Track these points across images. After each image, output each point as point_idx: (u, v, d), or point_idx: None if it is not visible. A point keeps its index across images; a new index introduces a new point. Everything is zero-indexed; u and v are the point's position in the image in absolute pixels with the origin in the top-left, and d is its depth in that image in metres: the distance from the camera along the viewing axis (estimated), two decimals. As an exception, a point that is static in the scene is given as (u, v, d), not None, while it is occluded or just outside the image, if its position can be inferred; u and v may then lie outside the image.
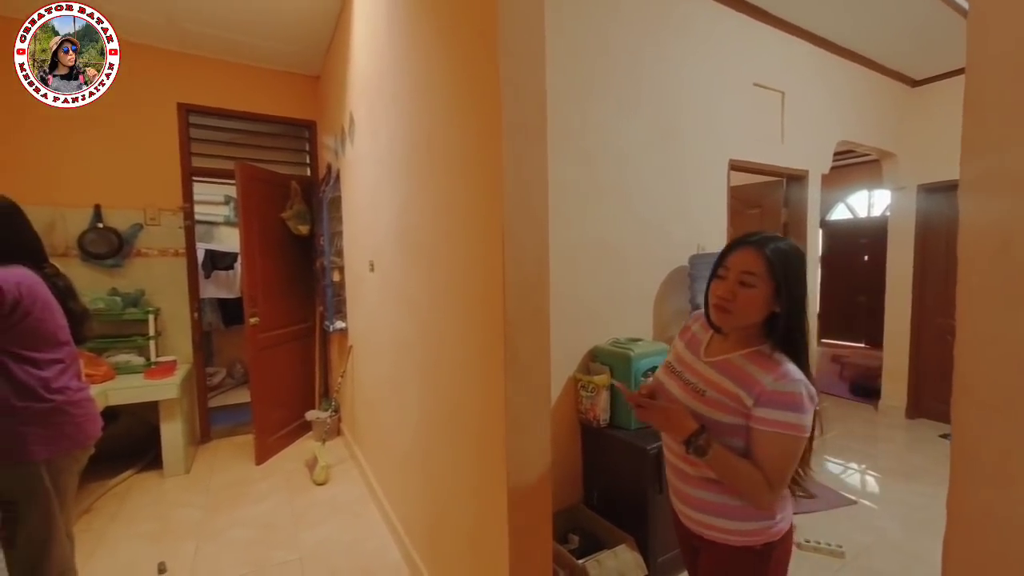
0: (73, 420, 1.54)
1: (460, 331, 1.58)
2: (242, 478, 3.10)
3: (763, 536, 1.05)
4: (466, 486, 1.62)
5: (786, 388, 0.97)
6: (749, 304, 1.03)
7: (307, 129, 3.95)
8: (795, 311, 1.02)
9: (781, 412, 0.97)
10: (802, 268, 1.05)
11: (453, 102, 1.53)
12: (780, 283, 1.00)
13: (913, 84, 3.94)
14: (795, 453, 0.97)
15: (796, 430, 0.96)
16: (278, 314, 3.50)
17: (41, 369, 1.48)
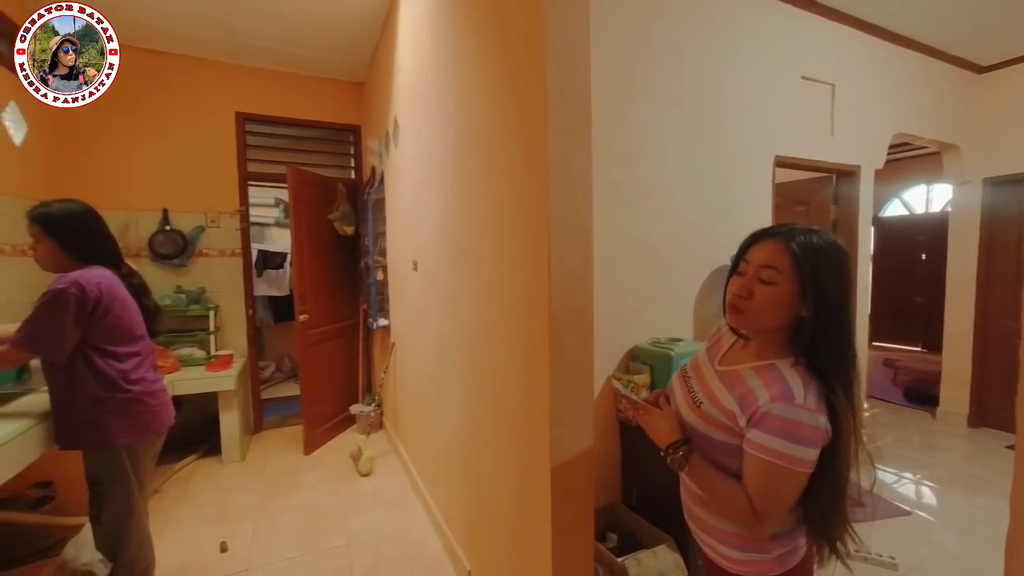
0: (150, 409, 1.67)
1: (504, 329, 1.62)
2: (292, 467, 3.27)
3: (757, 569, 0.96)
4: (509, 481, 1.66)
5: (782, 413, 0.84)
6: (766, 304, 0.89)
7: (351, 133, 4.10)
8: (827, 318, 0.86)
9: (773, 439, 0.84)
10: (839, 267, 0.88)
11: (497, 106, 1.57)
12: (807, 282, 0.86)
13: (979, 71, 3.70)
14: (787, 487, 0.85)
15: (789, 462, 0.83)
16: (325, 311, 3.66)
17: (121, 362, 1.61)
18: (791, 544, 0.95)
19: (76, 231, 1.61)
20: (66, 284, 1.48)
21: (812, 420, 0.83)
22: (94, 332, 1.55)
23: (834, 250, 0.89)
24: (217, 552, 2.30)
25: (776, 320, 0.90)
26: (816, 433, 0.84)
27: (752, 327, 0.95)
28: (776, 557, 0.95)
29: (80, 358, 1.54)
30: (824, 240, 0.90)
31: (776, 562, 0.95)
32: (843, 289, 0.88)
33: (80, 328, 1.51)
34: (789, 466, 0.83)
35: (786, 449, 0.83)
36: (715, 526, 1.01)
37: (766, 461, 0.85)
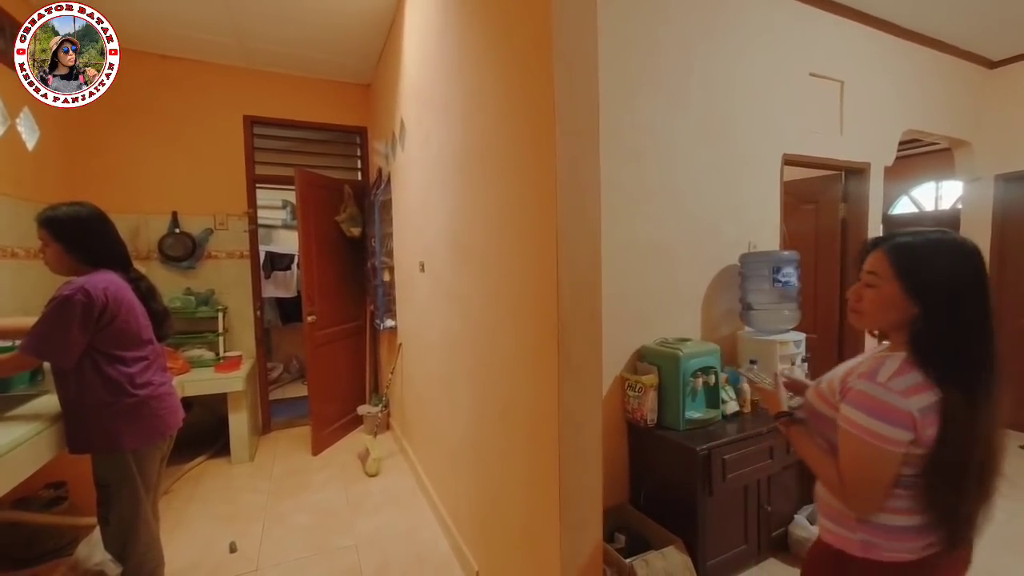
0: (156, 413, 1.67)
1: (512, 330, 1.62)
2: (301, 467, 3.29)
3: (839, 543, 1.00)
4: (518, 482, 1.66)
5: (863, 388, 0.92)
6: (872, 306, 0.97)
7: (358, 135, 4.12)
8: (936, 313, 0.88)
9: (854, 411, 0.92)
10: (942, 260, 0.90)
11: (505, 107, 1.57)
12: (906, 280, 0.91)
13: (991, 65, 3.65)
14: (868, 460, 0.90)
15: (870, 436, 0.89)
16: (333, 312, 3.68)
17: (128, 366, 1.61)
18: (881, 538, 0.95)
19: (83, 235, 1.61)
20: (72, 291, 1.48)
21: (891, 399, 0.88)
22: (101, 337, 1.55)
23: (941, 247, 0.92)
24: (227, 552, 2.32)
25: (889, 318, 0.96)
26: (897, 413, 0.87)
27: (870, 326, 1.03)
28: (859, 540, 0.97)
29: (88, 363, 1.55)
30: (929, 239, 0.93)
31: (858, 544, 0.97)
32: (955, 284, 0.89)
33: (87, 334, 1.51)
34: (870, 440, 0.89)
35: (866, 423, 0.90)
36: (822, 499, 1.07)
37: (848, 433, 0.93)
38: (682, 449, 1.99)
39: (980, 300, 0.89)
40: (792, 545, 2.25)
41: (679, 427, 2.07)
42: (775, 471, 2.14)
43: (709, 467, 1.94)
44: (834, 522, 1.02)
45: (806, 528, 2.20)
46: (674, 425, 2.09)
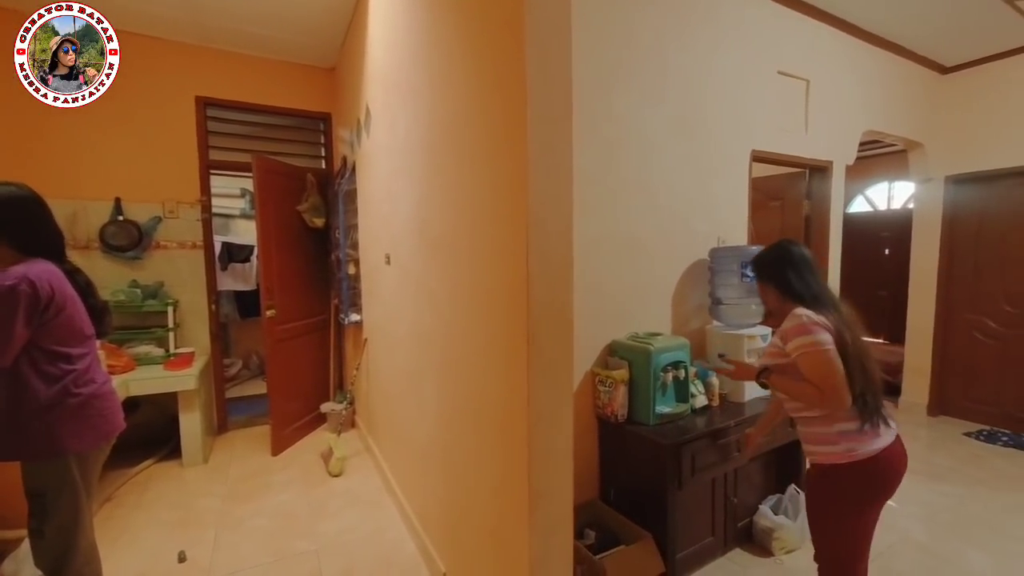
0: (100, 413, 1.55)
1: (482, 324, 1.56)
2: (259, 468, 3.13)
3: (829, 458, 1.36)
4: (487, 482, 1.61)
5: (791, 323, 1.38)
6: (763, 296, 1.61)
7: (322, 122, 3.94)
8: (781, 280, 1.49)
9: (801, 338, 1.35)
10: (769, 256, 1.56)
11: (475, 91, 1.50)
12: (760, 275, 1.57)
13: (944, 71, 3.81)
14: (825, 362, 1.30)
15: (811, 347, 1.32)
16: (294, 307, 3.52)
17: (72, 364, 1.49)
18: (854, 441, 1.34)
19: (21, 219, 1.46)
20: (16, 280, 1.34)
21: (808, 318, 1.36)
22: (44, 332, 1.42)
23: (768, 251, 1.59)
24: (175, 562, 2.17)
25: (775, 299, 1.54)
26: (815, 325, 1.34)
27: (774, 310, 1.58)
28: (843, 450, 1.34)
29: (25, 361, 1.41)
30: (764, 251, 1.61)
31: (842, 454, 1.34)
32: (776, 265, 1.52)
33: (30, 328, 1.38)
34: (815, 348, 1.32)
35: (805, 340, 1.34)
36: (806, 432, 1.44)
37: (805, 354, 1.34)
38: (651, 444, 1.98)
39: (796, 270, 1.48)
40: (756, 535, 2.29)
41: (649, 422, 2.07)
42: (741, 464, 2.17)
43: (678, 461, 1.94)
44: (821, 445, 1.38)
45: (770, 518, 2.24)
46: (644, 420, 2.08)
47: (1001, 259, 3.65)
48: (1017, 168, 3.53)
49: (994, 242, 3.69)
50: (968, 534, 2.37)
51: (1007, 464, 3.17)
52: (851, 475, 1.34)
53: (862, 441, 1.34)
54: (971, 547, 2.28)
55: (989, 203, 3.71)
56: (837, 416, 1.36)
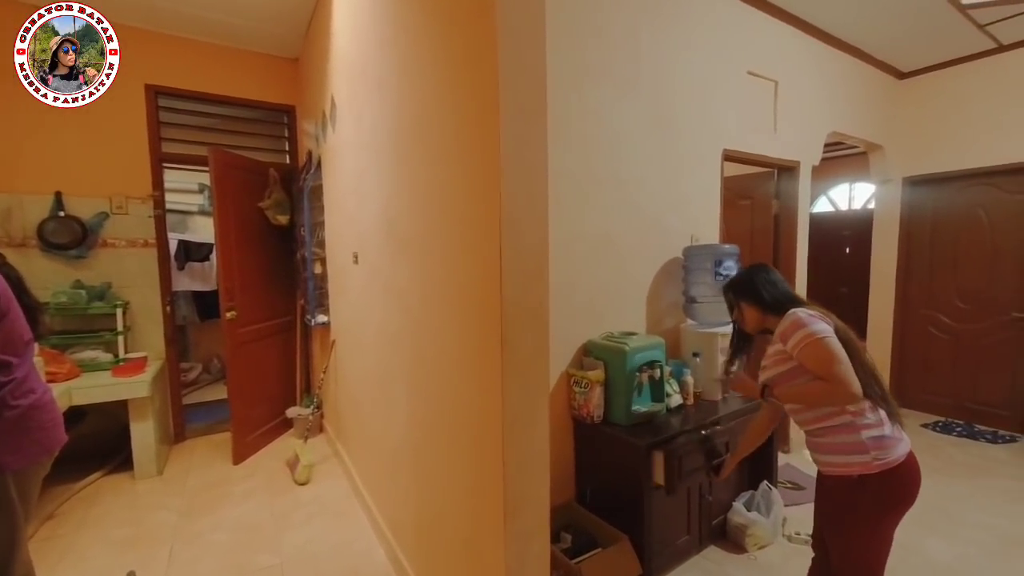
0: (41, 425, 1.43)
1: (453, 325, 1.49)
2: (220, 478, 2.97)
3: (858, 469, 1.30)
4: (460, 488, 1.55)
5: (786, 323, 1.39)
6: (749, 320, 1.57)
7: (286, 114, 3.77)
8: (757, 295, 1.51)
9: (795, 336, 1.34)
10: (741, 278, 1.60)
11: (446, 82, 1.43)
12: (741, 298, 1.57)
13: (900, 76, 3.95)
14: (827, 351, 1.28)
15: (811, 337, 1.31)
16: (257, 308, 3.36)
17: (10, 373, 1.36)
18: (883, 449, 1.30)
19: None
20: None
21: (804, 312, 1.37)
22: None
23: (739, 275, 1.64)
24: (124, 583, 2.02)
25: (758, 318, 1.55)
26: (812, 318, 1.34)
27: (753, 330, 1.59)
28: (872, 458, 1.29)
29: None
30: (734, 277, 1.67)
31: (873, 463, 1.29)
32: (750, 283, 1.55)
33: None
34: (815, 338, 1.30)
35: (806, 334, 1.32)
36: (827, 443, 1.37)
37: (806, 348, 1.32)
38: (627, 445, 1.96)
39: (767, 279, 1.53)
40: (730, 532, 2.30)
41: (625, 422, 2.04)
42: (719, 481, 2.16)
43: (653, 460, 1.92)
44: (849, 455, 1.32)
45: (744, 515, 2.26)
46: (620, 420, 2.06)
47: (954, 257, 3.82)
48: (967, 171, 3.70)
49: (948, 241, 3.86)
50: (926, 522, 2.44)
51: (960, 453, 3.31)
52: (883, 483, 1.29)
53: (889, 447, 1.30)
54: (930, 535, 2.36)
55: (942, 204, 3.88)
56: (861, 422, 1.31)
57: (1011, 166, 3.50)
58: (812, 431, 1.41)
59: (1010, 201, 3.56)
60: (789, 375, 1.38)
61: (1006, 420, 3.60)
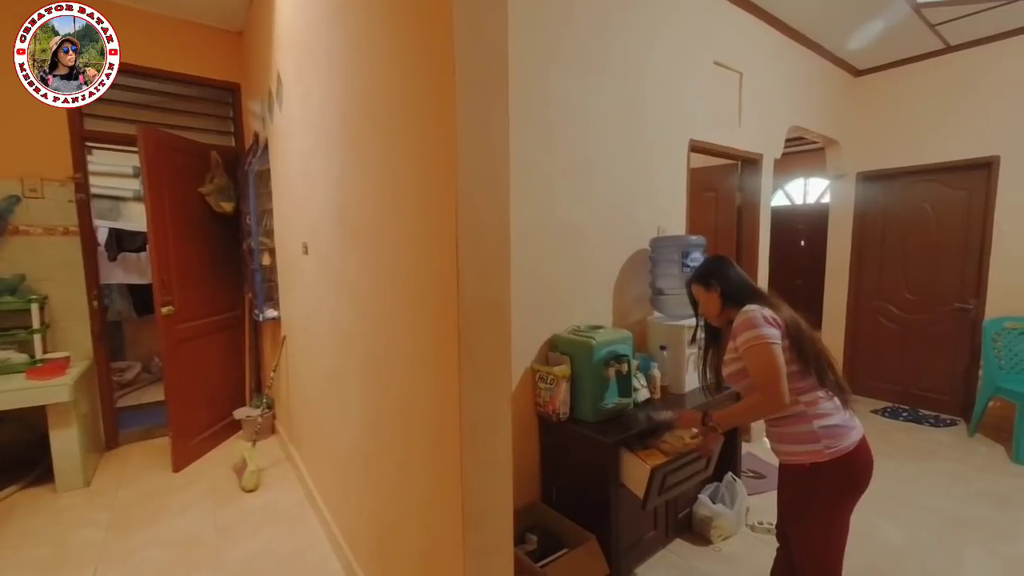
0: None
1: (407, 321, 1.37)
2: (157, 488, 2.73)
3: (810, 457, 1.32)
4: (417, 497, 1.43)
5: (739, 319, 1.37)
6: (711, 308, 1.56)
7: (230, 92, 3.48)
8: (718, 285, 1.52)
9: (744, 334, 1.34)
10: (701, 269, 1.60)
11: (397, 54, 1.30)
12: (702, 287, 1.56)
13: (856, 74, 4.05)
14: (768, 357, 1.29)
15: (756, 340, 1.31)
16: (198, 302, 3.10)
17: None
18: (835, 438, 1.31)
19: None
20: None
21: (757, 312, 1.35)
22: None
23: (699, 266, 1.64)
24: (39, 613, 1.80)
25: (718, 306, 1.54)
26: (763, 320, 1.33)
27: (719, 321, 1.57)
28: (824, 447, 1.31)
29: None
30: (698, 266, 1.66)
31: (824, 451, 1.31)
32: (718, 270, 1.55)
33: None
34: (760, 342, 1.30)
35: (752, 334, 1.32)
36: (781, 432, 1.39)
37: (750, 349, 1.32)
38: (594, 442, 1.90)
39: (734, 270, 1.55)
40: (696, 524, 2.30)
41: (592, 419, 1.98)
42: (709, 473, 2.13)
43: (622, 459, 1.87)
44: (801, 444, 1.34)
45: (709, 507, 2.26)
46: (587, 417, 1.99)
47: (903, 250, 3.98)
48: (915, 167, 3.84)
49: (897, 234, 4.01)
50: (878, 506, 2.52)
51: (907, 437, 3.46)
52: (835, 471, 1.32)
53: (840, 435, 1.32)
54: (881, 518, 2.43)
55: (892, 199, 4.02)
56: (814, 412, 1.33)
57: (954, 163, 3.65)
58: (770, 420, 1.43)
59: (953, 197, 3.73)
60: (744, 373, 1.38)
61: (947, 404, 3.80)
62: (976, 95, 3.52)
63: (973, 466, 3.01)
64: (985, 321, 3.47)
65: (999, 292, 3.49)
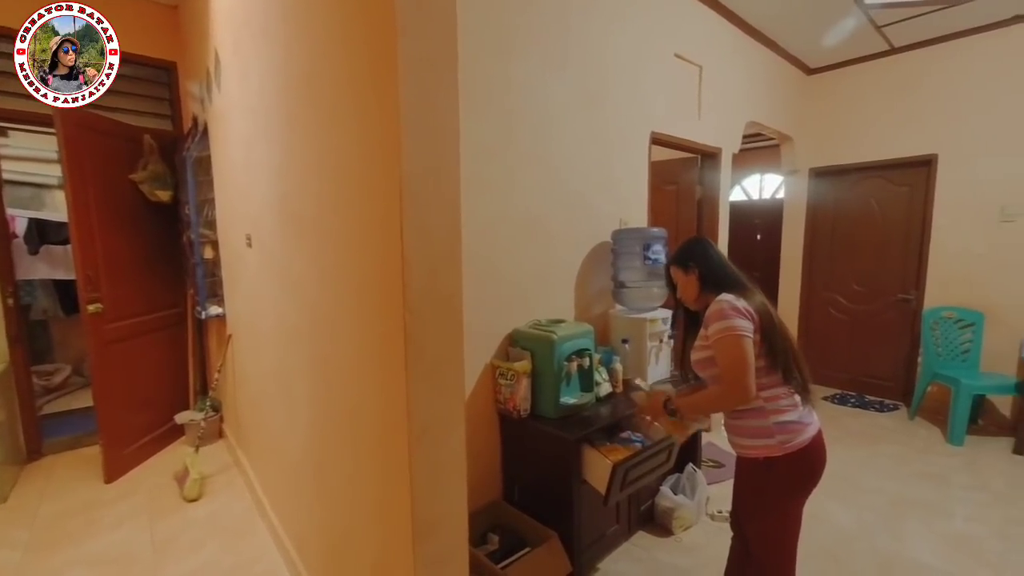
0: None
1: (353, 318, 1.27)
2: (86, 502, 2.50)
3: (764, 451, 1.32)
4: (367, 506, 1.34)
5: (713, 308, 1.34)
6: (688, 291, 1.51)
7: (165, 72, 3.22)
8: (706, 263, 1.46)
9: (715, 324, 1.31)
10: (690, 245, 1.54)
11: (337, 26, 1.19)
12: (683, 263, 1.50)
13: (809, 72, 4.17)
14: (736, 350, 1.26)
15: (727, 332, 1.27)
16: (131, 299, 2.85)
17: None
18: (789, 433, 1.31)
19: None
20: None
21: (730, 303, 1.31)
22: None
23: (680, 247, 1.56)
24: (-63, 650, 1.60)
25: (696, 290, 1.49)
26: (735, 311, 1.29)
27: (696, 305, 1.50)
28: (778, 442, 1.31)
29: None
30: (680, 248, 1.56)
31: (778, 446, 1.31)
32: (699, 253, 1.49)
33: None
34: (730, 333, 1.27)
35: (723, 325, 1.29)
36: (738, 426, 1.38)
37: (720, 339, 1.29)
38: (555, 438, 1.86)
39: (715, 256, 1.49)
40: (658, 516, 2.30)
41: (553, 415, 1.93)
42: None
43: (584, 455, 1.84)
44: (756, 439, 1.34)
45: (670, 498, 2.26)
46: (548, 413, 1.95)
47: (852, 244, 4.14)
48: (862, 164, 4.00)
49: (846, 228, 4.17)
50: (829, 490, 2.60)
51: (855, 422, 3.62)
52: (789, 465, 1.32)
53: (796, 431, 1.32)
54: (832, 501, 2.52)
55: (842, 194, 4.18)
56: (771, 407, 1.32)
57: (898, 160, 3.82)
58: (729, 413, 1.42)
59: (897, 192, 3.90)
60: (711, 362, 1.36)
61: (891, 390, 4.00)
62: (918, 95, 3.68)
63: (914, 448, 3.17)
64: (924, 311, 3.66)
65: (937, 283, 3.68)
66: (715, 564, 1.89)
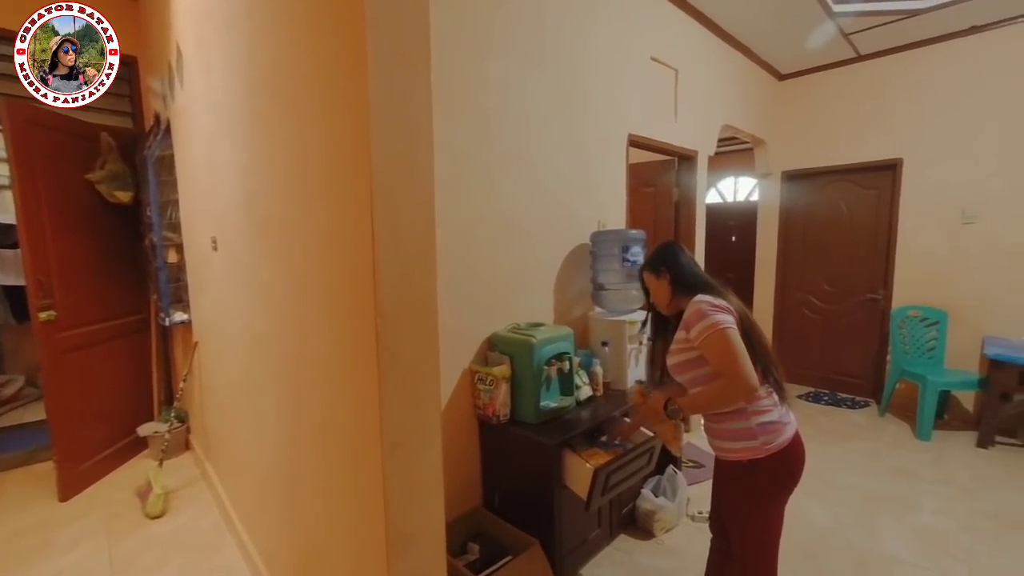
0: None
1: (323, 324, 1.22)
2: (38, 521, 2.35)
3: (748, 454, 1.32)
4: (340, 521, 1.28)
5: (691, 310, 1.34)
6: (661, 295, 1.51)
7: (125, 67, 3.06)
8: (677, 268, 1.47)
9: (697, 326, 1.30)
10: (653, 255, 1.54)
11: (303, 18, 1.13)
12: (654, 268, 1.50)
13: (780, 77, 4.26)
14: (726, 344, 1.25)
15: (712, 328, 1.27)
16: (88, 305, 2.70)
17: None
18: (771, 433, 1.32)
19: None
20: None
21: (707, 302, 1.32)
22: None
23: (652, 252, 1.56)
24: None
25: (668, 293, 1.49)
26: (715, 308, 1.30)
27: (669, 309, 1.51)
28: (760, 443, 1.31)
29: None
30: (653, 252, 1.56)
31: (761, 447, 1.31)
32: (670, 258, 1.50)
33: None
34: (715, 329, 1.27)
35: (709, 324, 1.28)
36: (720, 429, 1.38)
37: (708, 337, 1.28)
38: (535, 444, 1.83)
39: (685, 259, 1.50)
40: (639, 518, 2.29)
41: (533, 420, 1.90)
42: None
43: (563, 461, 1.81)
44: (739, 441, 1.33)
45: (651, 501, 2.25)
46: (528, 419, 1.91)
47: (823, 245, 4.25)
48: (832, 167, 4.11)
49: (817, 230, 4.27)
50: (805, 487, 2.60)
51: (828, 420, 3.70)
52: (771, 466, 1.32)
53: (777, 432, 1.33)
54: (808, 498, 2.55)
55: (813, 197, 4.28)
56: (752, 409, 1.31)
57: (865, 164, 3.93)
58: (709, 416, 1.42)
59: (864, 195, 4.01)
60: (692, 364, 1.36)
61: (861, 387, 4.11)
62: (883, 101, 3.80)
63: (884, 444, 3.25)
64: (892, 310, 3.77)
65: (904, 283, 3.80)
66: (696, 566, 1.88)
